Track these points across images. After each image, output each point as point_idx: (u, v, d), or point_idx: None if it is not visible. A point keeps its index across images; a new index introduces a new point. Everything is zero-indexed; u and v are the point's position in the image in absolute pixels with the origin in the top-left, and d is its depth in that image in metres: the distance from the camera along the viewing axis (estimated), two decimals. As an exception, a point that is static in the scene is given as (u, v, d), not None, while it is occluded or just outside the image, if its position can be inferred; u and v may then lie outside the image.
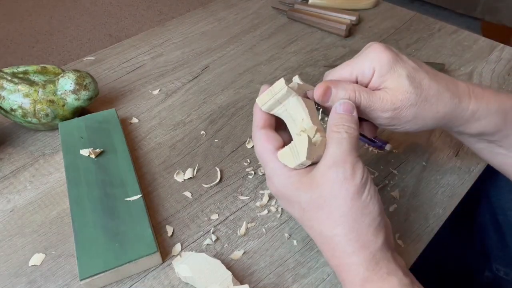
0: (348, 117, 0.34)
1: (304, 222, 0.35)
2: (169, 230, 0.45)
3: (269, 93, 0.36)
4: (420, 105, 0.35)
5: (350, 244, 0.32)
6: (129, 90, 0.64)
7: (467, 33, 0.74)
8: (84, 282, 0.38)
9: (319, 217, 0.33)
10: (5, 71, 0.53)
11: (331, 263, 0.34)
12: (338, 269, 0.34)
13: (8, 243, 0.44)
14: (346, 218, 0.32)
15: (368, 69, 0.36)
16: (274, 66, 0.68)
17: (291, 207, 0.35)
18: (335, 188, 0.32)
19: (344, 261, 0.33)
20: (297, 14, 0.78)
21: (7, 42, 1.95)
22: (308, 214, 0.34)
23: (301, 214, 0.35)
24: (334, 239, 0.32)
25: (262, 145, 0.36)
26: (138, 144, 0.55)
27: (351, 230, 0.32)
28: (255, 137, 0.37)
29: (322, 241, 0.34)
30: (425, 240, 0.44)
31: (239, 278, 0.41)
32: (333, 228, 0.32)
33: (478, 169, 0.51)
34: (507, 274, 0.57)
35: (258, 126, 0.37)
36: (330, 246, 0.33)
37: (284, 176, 0.34)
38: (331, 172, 0.32)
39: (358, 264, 0.32)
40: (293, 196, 0.34)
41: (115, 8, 2.20)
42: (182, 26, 0.78)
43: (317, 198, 0.33)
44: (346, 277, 0.33)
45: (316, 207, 0.33)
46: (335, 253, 0.33)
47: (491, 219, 0.57)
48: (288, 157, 0.34)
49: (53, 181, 0.50)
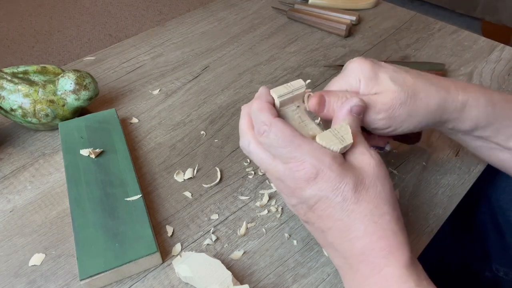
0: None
1: (348, 205, 0.32)
2: (169, 230, 0.45)
3: (287, 87, 0.36)
4: (410, 102, 0.37)
5: (398, 223, 0.33)
6: (129, 90, 0.64)
7: (467, 33, 0.74)
8: (84, 282, 0.38)
9: (368, 197, 0.32)
10: (5, 71, 0.53)
11: (373, 248, 0.32)
12: (382, 252, 0.32)
13: (8, 243, 0.44)
14: (389, 200, 0.33)
15: (354, 80, 0.38)
16: (274, 66, 0.68)
17: (335, 190, 0.32)
18: (378, 171, 0.33)
19: (393, 240, 0.32)
20: (297, 14, 0.78)
21: (7, 42, 1.95)
22: (355, 195, 0.32)
23: (348, 196, 0.32)
24: (384, 217, 0.32)
25: (288, 130, 0.33)
26: (138, 144, 0.55)
27: (395, 208, 0.33)
28: (275, 125, 0.34)
29: (372, 220, 0.32)
30: (425, 240, 0.44)
31: (239, 278, 0.41)
32: (382, 206, 0.32)
33: (478, 169, 0.51)
34: (507, 274, 0.57)
35: (274, 116, 0.34)
36: (380, 226, 0.32)
37: (330, 157, 0.32)
38: (367, 157, 0.33)
39: (406, 243, 0.32)
40: (341, 176, 0.32)
41: (115, 8, 2.20)
42: (182, 26, 0.78)
43: (363, 179, 0.33)
44: (394, 254, 0.32)
45: (364, 188, 0.32)
46: (386, 232, 0.32)
47: (491, 219, 0.57)
48: (331, 141, 0.33)
49: (53, 181, 0.50)
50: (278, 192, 0.49)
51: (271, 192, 0.48)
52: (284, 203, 0.47)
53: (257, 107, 0.35)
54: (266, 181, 0.50)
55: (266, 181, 0.50)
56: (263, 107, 0.35)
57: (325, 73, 0.66)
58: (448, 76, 0.64)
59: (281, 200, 0.48)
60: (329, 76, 0.66)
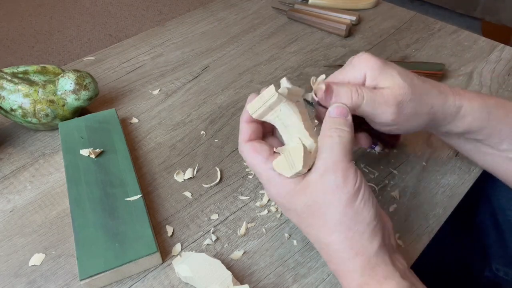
0: (342, 120, 0.35)
1: (302, 228, 0.36)
2: (169, 230, 0.45)
3: (260, 100, 0.35)
4: (417, 101, 0.37)
5: (346, 251, 0.32)
6: (129, 90, 0.64)
7: (467, 33, 0.74)
8: (84, 282, 0.38)
9: (315, 224, 0.33)
10: (5, 71, 0.53)
11: (330, 268, 0.35)
12: (336, 274, 0.34)
13: (8, 243, 0.44)
14: (340, 227, 0.32)
15: (359, 73, 0.38)
16: (274, 66, 0.68)
17: (289, 214, 0.36)
18: (327, 196, 0.32)
19: (340, 267, 0.33)
20: (297, 14, 0.78)
21: (7, 42, 1.95)
22: (305, 220, 0.34)
23: (298, 220, 0.35)
24: (330, 246, 0.33)
25: (252, 157, 0.36)
26: (138, 144, 0.55)
27: (345, 237, 0.32)
28: (243, 151, 0.37)
29: (319, 247, 0.35)
30: (425, 240, 0.44)
31: (239, 278, 0.41)
32: (328, 236, 0.33)
33: (478, 169, 0.51)
34: (507, 274, 0.57)
35: (244, 140, 0.37)
36: (327, 253, 0.34)
37: (279, 185, 0.35)
38: (323, 180, 0.32)
39: (354, 271, 0.32)
40: (289, 203, 0.35)
41: (115, 8, 2.20)
42: (182, 26, 0.78)
43: (311, 205, 0.33)
44: (343, 282, 0.34)
45: (312, 214, 0.33)
46: (332, 259, 0.34)
47: (491, 219, 0.57)
48: (283, 167, 0.34)
49: (53, 181, 0.50)
50: None
51: (271, 192, 0.48)
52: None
53: (240, 125, 0.38)
54: (266, 181, 0.50)
55: (266, 181, 0.50)
56: (241, 129, 0.38)
57: (325, 73, 0.66)
58: (448, 76, 0.64)
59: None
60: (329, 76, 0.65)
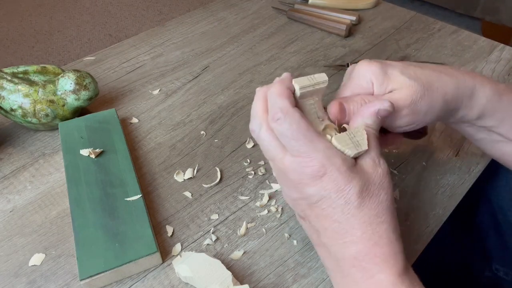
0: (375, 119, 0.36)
1: (350, 209, 0.32)
2: (169, 230, 0.45)
3: (310, 80, 0.34)
4: (428, 94, 0.36)
5: (395, 233, 0.33)
6: (129, 90, 0.64)
7: (467, 33, 0.74)
8: (84, 282, 0.38)
9: (371, 203, 0.32)
10: (5, 71, 0.53)
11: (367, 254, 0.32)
12: (375, 259, 0.32)
13: (8, 243, 0.44)
14: (389, 209, 0.33)
15: (366, 83, 0.37)
16: (274, 66, 0.68)
17: (339, 192, 0.32)
18: (384, 180, 0.33)
19: (388, 249, 0.32)
20: (297, 14, 0.78)
21: (7, 42, 1.95)
22: (358, 200, 0.32)
23: (351, 199, 0.32)
24: (382, 225, 0.32)
25: (304, 123, 0.32)
26: (138, 144, 0.55)
27: (393, 217, 0.33)
28: (292, 115, 0.32)
29: (370, 227, 0.32)
30: (425, 240, 0.44)
31: (239, 278, 0.41)
32: (382, 215, 0.32)
33: (478, 169, 0.51)
34: (507, 274, 0.57)
35: (292, 104, 0.33)
36: (377, 234, 0.32)
37: (341, 158, 0.32)
38: (382, 165, 0.34)
39: (401, 253, 0.32)
40: (348, 179, 0.32)
41: (115, 8, 2.20)
42: (182, 26, 0.78)
43: (369, 185, 0.32)
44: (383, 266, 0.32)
45: (368, 195, 0.32)
46: (382, 240, 0.32)
47: (491, 219, 0.57)
48: (347, 144, 0.33)
49: (53, 181, 0.50)
50: (279, 185, 0.49)
51: (271, 192, 0.48)
52: (285, 203, 0.47)
53: (276, 91, 0.34)
54: (266, 181, 0.50)
55: (266, 181, 0.50)
56: (283, 93, 0.33)
57: (325, 73, 0.66)
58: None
59: (281, 200, 0.48)
60: (329, 76, 0.65)
